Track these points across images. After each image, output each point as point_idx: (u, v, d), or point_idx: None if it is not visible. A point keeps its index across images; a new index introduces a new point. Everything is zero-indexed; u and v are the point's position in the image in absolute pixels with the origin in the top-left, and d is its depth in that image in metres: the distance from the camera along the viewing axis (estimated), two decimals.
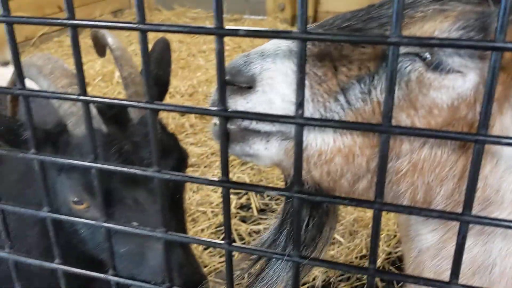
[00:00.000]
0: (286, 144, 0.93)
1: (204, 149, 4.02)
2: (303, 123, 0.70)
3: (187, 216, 3.27)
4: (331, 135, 0.89)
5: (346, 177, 0.92)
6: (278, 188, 0.78)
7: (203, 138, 4.18)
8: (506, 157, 0.85)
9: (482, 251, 0.93)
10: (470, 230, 0.92)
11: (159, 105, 0.78)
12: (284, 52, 0.90)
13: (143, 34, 0.73)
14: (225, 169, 0.79)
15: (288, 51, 0.90)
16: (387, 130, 0.66)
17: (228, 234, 0.85)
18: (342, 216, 3.19)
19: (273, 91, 0.89)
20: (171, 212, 1.45)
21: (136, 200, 1.36)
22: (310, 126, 0.88)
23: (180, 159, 1.52)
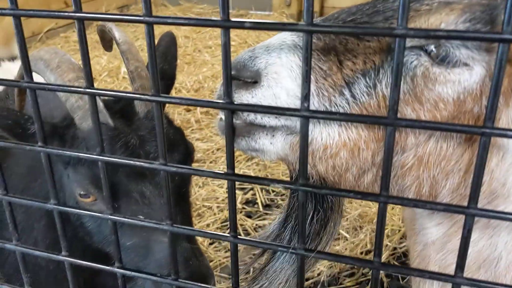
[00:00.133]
0: (291, 139, 0.93)
1: (210, 144, 4.03)
2: (309, 115, 0.70)
3: (193, 211, 3.30)
4: (336, 129, 0.89)
5: (352, 171, 0.92)
6: (283, 181, 0.78)
7: (208, 133, 4.19)
8: None
9: (488, 244, 0.93)
10: (476, 224, 0.92)
11: (165, 98, 0.79)
12: (289, 47, 0.90)
13: (149, 26, 0.74)
14: (230, 162, 0.79)
15: (293, 46, 0.90)
16: (393, 123, 0.66)
17: (234, 227, 0.85)
18: (347, 211, 3.19)
19: (278, 86, 0.90)
20: (177, 206, 1.46)
21: (142, 193, 1.36)
22: (315, 119, 0.88)
23: (186, 153, 1.52)
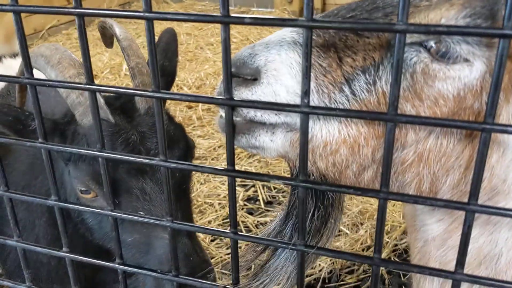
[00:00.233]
0: (292, 136, 0.93)
1: (212, 141, 4.03)
2: (309, 111, 0.70)
3: (194, 208, 3.30)
4: (336, 126, 0.89)
5: (352, 168, 0.92)
6: (283, 177, 0.78)
7: (210, 130, 4.19)
8: None
9: (488, 241, 0.93)
10: (476, 220, 0.92)
11: (165, 94, 0.79)
12: (289, 44, 0.90)
13: (149, 22, 0.74)
14: (231, 158, 0.79)
15: (293, 43, 0.90)
16: (393, 119, 0.66)
17: (234, 223, 0.85)
18: (348, 208, 3.19)
19: (277, 83, 0.90)
20: (177, 202, 1.46)
21: (143, 189, 1.37)
22: (315, 115, 0.88)
23: (187, 149, 1.52)
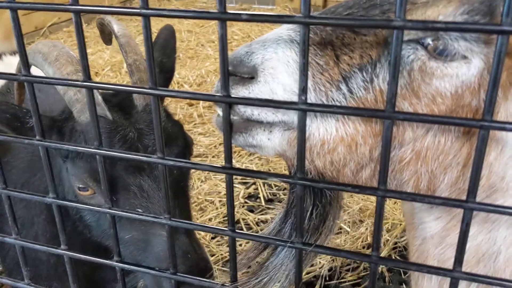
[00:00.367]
0: (289, 134, 0.93)
1: (212, 139, 4.03)
2: (306, 108, 0.70)
3: (195, 206, 3.30)
4: (334, 124, 0.89)
5: (349, 166, 0.92)
6: (280, 175, 0.77)
7: (211, 128, 4.19)
8: None
9: (487, 239, 0.93)
10: (475, 218, 0.91)
11: (162, 91, 0.78)
12: (286, 42, 0.90)
13: (146, 19, 0.73)
14: (228, 156, 0.79)
15: (290, 40, 0.90)
16: (391, 116, 0.66)
17: (232, 221, 0.85)
18: (348, 205, 3.19)
19: (274, 81, 0.89)
20: (176, 199, 1.46)
21: (141, 187, 1.37)
22: (312, 112, 0.88)
23: (185, 146, 1.52)
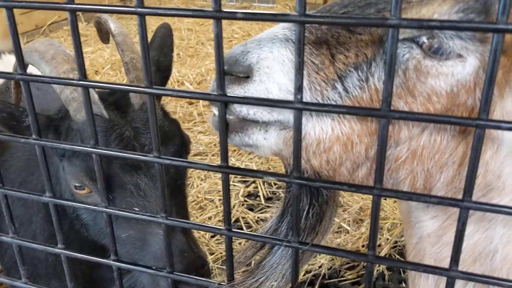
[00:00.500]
0: (285, 134, 0.93)
1: (212, 137, 4.03)
2: (302, 107, 0.69)
3: (194, 204, 3.30)
4: (329, 123, 0.89)
5: (345, 165, 0.92)
6: (277, 174, 0.77)
7: (211, 126, 4.18)
8: (508, 142, 0.84)
9: (483, 238, 0.92)
10: (471, 217, 0.91)
11: (158, 89, 0.78)
12: (281, 41, 0.90)
13: (141, 17, 0.73)
14: (224, 155, 0.79)
15: (285, 40, 0.90)
16: (386, 115, 0.65)
17: (228, 220, 0.85)
18: (348, 204, 3.19)
19: (270, 81, 0.89)
20: (172, 198, 1.45)
21: (137, 185, 1.36)
22: (308, 111, 0.88)
23: (182, 145, 1.51)
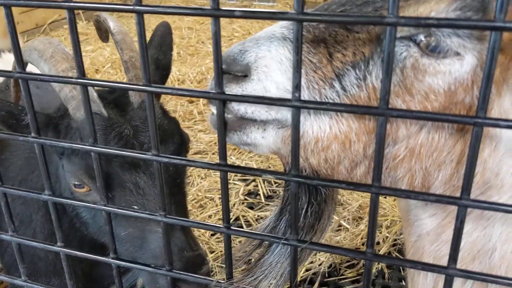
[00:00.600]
0: (283, 132, 0.93)
1: (213, 136, 4.03)
2: (300, 105, 0.70)
3: (195, 203, 3.30)
4: (327, 122, 0.89)
5: (344, 163, 0.92)
6: (275, 172, 0.77)
7: (210, 125, 4.18)
8: (506, 140, 0.84)
9: (482, 235, 0.92)
10: (469, 215, 0.91)
11: (156, 87, 0.78)
12: (279, 39, 0.90)
13: (140, 16, 0.73)
14: (222, 153, 0.79)
15: (283, 38, 0.90)
16: (384, 113, 0.65)
17: (227, 218, 0.85)
18: (348, 203, 3.19)
19: (268, 79, 0.89)
20: (172, 196, 1.45)
21: (136, 184, 1.36)
22: (306, 109, 0.88)
23: (181, 143, 1.51)
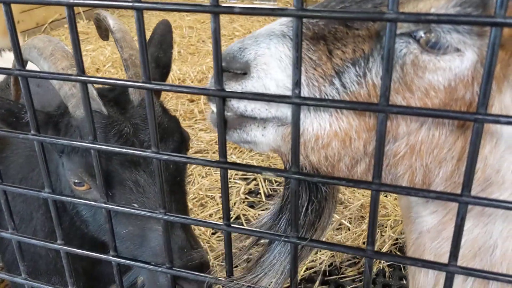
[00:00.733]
0: (283, 130, 0.93)
1: (213, 135, 4.02)
2: (300, 102, 0.69)
3: (195, 201, 3.30)
4: (327, 119, 0.89)
5: (344, 161, 0.92)
6: (275, 169, 0.77)
7: (210, 124, 4.17)
8: (507, 136, 0.84)
9: (483, 232, 0.92)
10: (470, 212, 0.91)
11: (156, 84, 0.78)
12: (278, 37, 0.90)
13: (139, 12, 0.73)
14: (222, 150, 0.79)
15: (282, 36, 0.90)
16: (384, 109, 0.65)
17: (227, 215, 0.85)
18: (349, 202, 3.19)
19: (267, 77, 0.89)
20: (172, 194, 1.45)
21: (136, 182, 1.36)
22: (306, 105, 0.88)
23: (181, 141, 1.51)
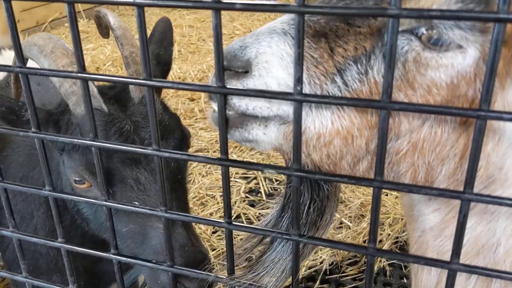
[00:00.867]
0: (285, 128, 0.93)
1: (213, 134, 4.02)
2: (302, 99, 0.69)
3: (196, 200, 3.30)
4: (329, 117, 0.88)
5: (346, 159, 0.91)
6: (277, 166, 0.77)
7: (211, 123, 4.17)
8: (509, 133, 0.83)
9: (486, 230, 0.92)
10: (473, 209, 0.90)
11: (156, 81, 0.78)
12: (279, 35, 0.89)
13: (140, 9, 0.72)
14: (224, 148, 0.79)
15: (283, 34, 0.89)
16: (386, 106, 0.65)
17: (228, 213, 0.84)
18: (350, 200, 3.19)
19: (269, 75, 0.89)
20: (173, 192, 1.45)
21: (137, 179, 1.36)
22: (308, 102, 0.87)
23: (182, 139, 1.51)
